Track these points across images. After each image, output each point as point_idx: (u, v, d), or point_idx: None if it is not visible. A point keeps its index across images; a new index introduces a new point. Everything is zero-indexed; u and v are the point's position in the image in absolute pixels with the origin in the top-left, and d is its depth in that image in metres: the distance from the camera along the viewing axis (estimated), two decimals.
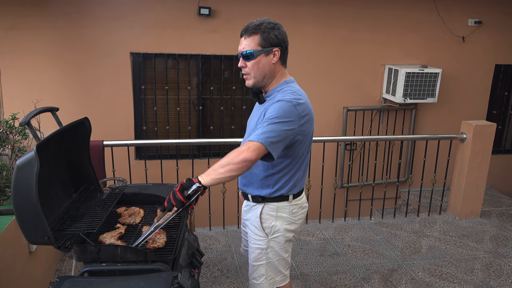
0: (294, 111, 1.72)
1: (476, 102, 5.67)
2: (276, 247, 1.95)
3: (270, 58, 1.80)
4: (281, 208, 1.92)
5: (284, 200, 1.92)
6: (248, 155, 1.63)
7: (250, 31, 1.78)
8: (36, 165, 1.55)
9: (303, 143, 1.83)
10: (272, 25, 1.78)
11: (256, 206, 1.94)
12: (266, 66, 1.80)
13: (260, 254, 1.96)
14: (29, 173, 1.56)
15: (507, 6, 5.43)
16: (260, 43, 1.77)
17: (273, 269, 1.97)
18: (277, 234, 1.93)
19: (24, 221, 1.61)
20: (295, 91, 1.80)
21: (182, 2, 4.68)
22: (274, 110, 1.71)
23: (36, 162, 1.55)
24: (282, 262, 1.99)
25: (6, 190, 2.46)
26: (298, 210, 1.98)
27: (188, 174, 3.88)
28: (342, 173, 5.58)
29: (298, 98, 1.76)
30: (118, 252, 1.71)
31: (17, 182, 1.57)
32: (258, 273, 1.98)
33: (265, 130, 1.67)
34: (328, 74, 5.22)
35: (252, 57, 1.78)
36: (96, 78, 4.70)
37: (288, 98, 1.74)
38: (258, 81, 1.84)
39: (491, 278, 3.18)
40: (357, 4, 5.08)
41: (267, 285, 1.98)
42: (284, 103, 1.72)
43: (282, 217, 1.93)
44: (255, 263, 1.98)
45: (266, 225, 1.93)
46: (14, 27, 4.38)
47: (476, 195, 4.18)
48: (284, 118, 1.70)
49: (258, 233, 1.95)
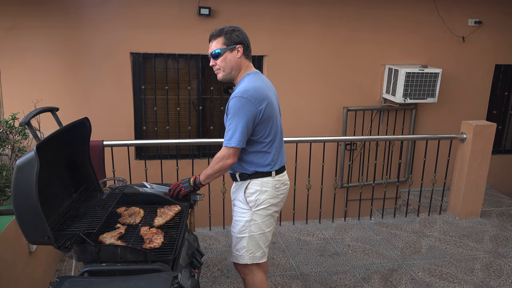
0: (246, 101, 2.00)
1: (476, 102, 5.67)
2: (259, 220, 2.16)
3: (234, 53, 2.13)
4: (265, 183, 2.15)
5: (268, 176, 2.16)
6: (227, 163, 2.08)
7: (215, 35, 2.16)
8: (36, 165, 1.55)
9: (266, 122, 2.08)
10: (233, 28, 2.14)
11: (243, 183, 2.18)
12: (233, 61, 2.13)
13: (244, 226, 2.16)
14: (29, 173, 1.56)
15: (507, 6, 5.43)
16: (225, 43, 2.12)
17: (254, 243, 2.17)
18: (261, 207, 2.15)
19: (24, 221, 1.61)
20: (248, 82, 2.08)
21: (182, 2, 4.68)
22: (231, 109, 2.02)
23: (36, 162, 1.55)
24: (263, 237, 2.19)
25: (6, 190, 2.46)
26: (280, 186, 2.20)
27: (188, 174, 3.87)
28: (342, 173, 5.58)
29: (246, 89, 2.02)
30: (118, 252, 1.71)
31: (17, 182, 1.57)
32: (240, 245, 2.18)
33: (232, 133, 2.02)
34: (328, 74, 5.22)
35: (219, 55, 2.13)
36: (96, 78, 4.70)
37: (238, 93, 2.02)
38: (227, 74, 2.16)
39: (491, 278, 3.18)
40: (358, 4, 5.08)
41: (247, 257, 2.18)
42: (235, 100, 2.01)
43: (267, 191, 2.15)
44: (239, 235, 2.18)
45: (250, 198, 2.15)
46: (14, 27, 4.38)
47: (476, 195, 4.18)
48: (239, 113, 2.00)
49: (242, 206, 2.17)
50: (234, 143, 2.02)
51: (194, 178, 2.19)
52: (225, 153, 2.07)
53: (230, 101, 2.04)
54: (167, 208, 2.17)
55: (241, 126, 2.00)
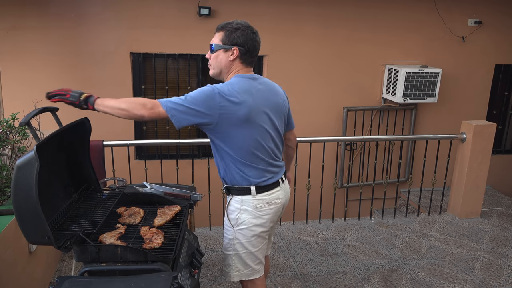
0: (212, 90, 1.80)
1: (476, 102, 5.67)
2: (242, 239, 2.00)
3: (228, 55, 1.91)
4: (245, 201, 1.96)
5: (247, 193, 1.95)
6: (143, 113, 1.74)
7: (219, 28, 1.94)
8: (36, 165, 1.55)
9: (248, 129, 1.85)
10: (238, 26, 1.90)
11: (228, 197, 2.02)
12: (223, 61, 1.93)
13: (228, 244, 2.04)
14: (29, 173, 1.56)
15: (507, 6, 5.43)
16: (222, 40, 1.91)
17: (240, 261, 2.03)
18: (242, 227, 1.98)
19: (24, 221, 1.61)
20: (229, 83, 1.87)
21: (182, 2, 4.68)
22: (198, 90, 1.81)
23: (36, 162, 1.55)
24: (250, 256, 2.03)
25: (6, 190, 2.46)
26: (264, 205, 1.97)
27: (188, 174, 3.90)
28: (342, 173, 5.58)
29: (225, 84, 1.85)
30: (118, 252, 1.71)
31: (17, 182, 1.57)
32: (226, 262, 2.08)
33: (175, 100, 1.76)
34: (328, 74, 5.22)
35: (213, 50, 1.94)
36: (96, 78, 4.70)
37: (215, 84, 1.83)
38: (216, 73, 1.99)
39: (491, 278, 3.18)
40: (358, 4, 5.08)
41: (234, 275, 2.05)
42: (208, 87, 1.82)
43: (247, 210, 1.97)
44: (225, 252, 2.08)
45: (232, 216, 2.00)
46: (14, 27, 4.38)
47: (476, 195, 4.18)
48: (196, 94, 1.79)
49: (227, 223, 2.03)
50: (168, 108, 1.74)
51: (89, 95, 1.82)
52: (149, 104, 1.75)
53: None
54: (167, 208, 2.17)
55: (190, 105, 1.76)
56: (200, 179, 3.84)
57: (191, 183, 3.72)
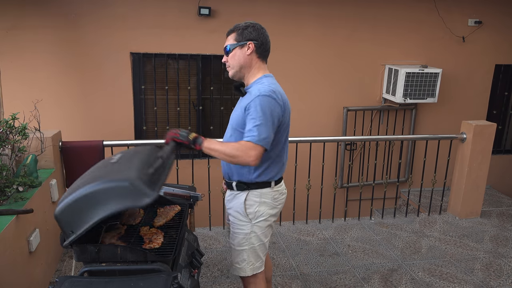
0: (275, 103, 1.90)
1: (476, 102, 5.67)
2: (259, 231, 2.09)
3: (244, 50, 2.01)
4: (264, 194, 2.06)
5: (267, 186, 2.06)
6: (249, 160, 1.85)
7: (230, 31, 2.05)
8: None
9: (282, 131, 2.01)
10: (248, 24, 2.02)
11: (240, 193, 2.07)
12: (241, 58, 2.01)
13: (243, 239, 2.09)
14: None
15: (507, 6, 5.43)
16: (236, 39, 2.02)
17: (254, 255, 2.11)
18: (260, 219, 2.07)
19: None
20: (270, 83, 1.98)
21: (182, 2, 4.68)
22: (258, 107, 1.87)
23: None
24: (262, 248, 2.13)
25: (6, 190, 2.46)
26: (279, 196, 2.12)
27: (188, 174, 3.90)
28: (342, 173, 5.58)
29: (273, 90, 1.92)
30: (118, 252, 1.71)
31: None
32: (240, 258, 2.11)
33: (261, 132, 1.85)
34: (328, 74, 5.22)
35: (230, 51, 2.03)
36: (96, 78, 4.70)
37: (264, 91, 1.90)
38: (236, 71, 2.05)
39: (491, 278, 3.18)
40: (358, 4, 5.08)
41: (248, 270, 2.11)
42: (263, 98, 1.88)
43: (266, 202, 2.07)
44: (238, 248, 2.11)
45: (250, 210, 2.06)
46: (14, 27, 4.38)
47: (476, 195, 4.18)
48: (266, 113, 1.87)
49: (242, 219, 2.08)
50: (262, 142, 1.84)
51: (197, 136, 1.93)
52: (248, 146, 1.83)
53: (255, 99, 1.88)
54: (167, 208, 2.17)
55: (266, 125, 1.86)
56: (200, 179, 3.84)
57: (191, 183, 3.72)
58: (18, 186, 2.52)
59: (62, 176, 3.26)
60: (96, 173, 1.78)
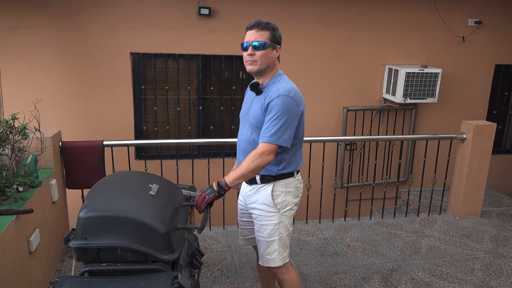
0: (293, 102, 2.01)
1: (476, 102, 5.67)
2: (286, 221, 2.17)
3: (274, 52, 2.09)
4: (289, 183, 2.16)
5: (291, 176, 2.17)
6: (268, 159, 1.99)
7: (262, 26, 2.05)
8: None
9: (301, 125, 2.14)
10: (276, 26, 2.09)
11: (265, 186, 2.14)
12: (271, 59, 2.08)
13: (273, 230, 2.14)
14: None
15: (507, 6, 5.42)
16: (270, 38, 2.06)
17: (283, 244, 2.18)
18: (287, 208, 2.16)
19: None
20: (287, 82, 2.08)
21: (182, 2, 4.68)
22: (279, 107, 1.98)
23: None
24: (289, 236, 2.22)
25: (6, 190, 2.46)
26: (300, 185, 2.25)
27: (188, 174, 3.90)
28: (342, 173, 5.58)
29: (291, 89, 2.03)
30: (118, 252, 1.71)
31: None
32: (271, 249, 2.17)
33: (281, 132, 1.98)
34: (328, 74, 5.22)
35: (262, 48, 2.04)
36: (96, 78, 4.70)
37: (284, 91, 2.00)
38: (262, 69, 2.08)
39: (491, 278, 3.18)
40: (358, 4, 5.08)
41: (279, 260, 2.18)
42: (284, 98, 1.99)
43: (290, 191, 2.17)
44: (269, 239, 2.16)
45: (278, 201, 2.13)
46: (14, 27, 4.38)
47: (476, 195, 4.18)
48: (288, 112, 1.99)
49: (270, 210, 2.14)
50: (283, 142, 1.99)
51: (217, 182, 2.02)
52: (267, 148, 1.98)
53: (276, 99, 1.98)
54: None
55: (290, 125, 2.01)
56: (200, 179, 3.84)
57: (191, 183, 3.72)
58: (18, 186, 2.52)
59: (62, 176, 3.26)
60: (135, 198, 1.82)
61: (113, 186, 1.95)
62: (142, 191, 1.88)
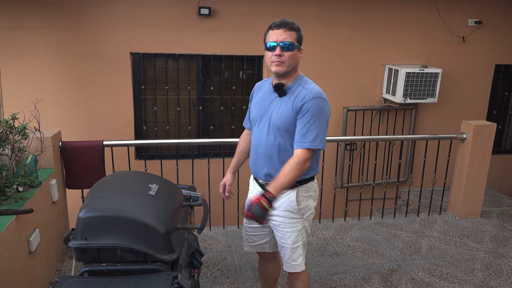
0: (326, 103, 2.06)
1: (476, 102, 5.67)
2: (307, 225, 2.17)
3: (299, 54, 2.09)
4: (310, 188, 2.14)
5: (311, 180, 2.15)
6: (308, 165, 1.97)
7: (290, 26, 2.03)
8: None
9: None
10: (300, 27, 2.10)
11: (289, 192, 2.07)
12: (296, 60, 2.08)
13: (298, 236, 2.13)
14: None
15: (507, 6, 5.42)
16: (297, 39, 2.06)
17: (304, 248, 2.19)
18: (309, 212, 2.15)
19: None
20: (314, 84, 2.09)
21: (182, 2, 4.67)
22: (314, 110, 1.98)
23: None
24: (307, 239, 2.24)
25: (6, 190, 2.46)
26: (317, 188, 2.22)
27: (188, 174, 3.90)
28: (342, 173, 5.58)
29: (321, 91, 2.06)
30: (118, 252, 1.71)
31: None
32: (297, 254, 2.16)
33: (316, 135, 1.97)
34: (328, 74, 5.22)
35: (291, 49, 2.02)
36: (96, 78, 4.70)
37: (316, 93, 2.01)
38: (288, 70, 2.05)
39: (491, 278, 3.18)
40: (358, 4, 5.08)
41: (303, 264, 2.19)
42: (318, 100, 2.00)
43: (311, 195, 2.15)
44: (294, 245, 2.13)
45: (301, 206, 2.10)
46: (14, 27, 4.38)
47: (476, 195, 4.18)
48: (324, 115, 2.03)
49: (294, 216, 2.10)
50: (321, 145, 1.98)
51: (267, 201, 1.85)
52: (309, 154, 1.96)
53: (312, 101, 1.97)
54: None
55: (324, 127, 2.01)
56: (200, 179, 3.84)
57: (191, 183, 3.72)
58: (18, 186, 2.52)
59: (62, 176, 3.26)
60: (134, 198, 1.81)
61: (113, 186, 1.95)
62: (142, 191, 1.88)
